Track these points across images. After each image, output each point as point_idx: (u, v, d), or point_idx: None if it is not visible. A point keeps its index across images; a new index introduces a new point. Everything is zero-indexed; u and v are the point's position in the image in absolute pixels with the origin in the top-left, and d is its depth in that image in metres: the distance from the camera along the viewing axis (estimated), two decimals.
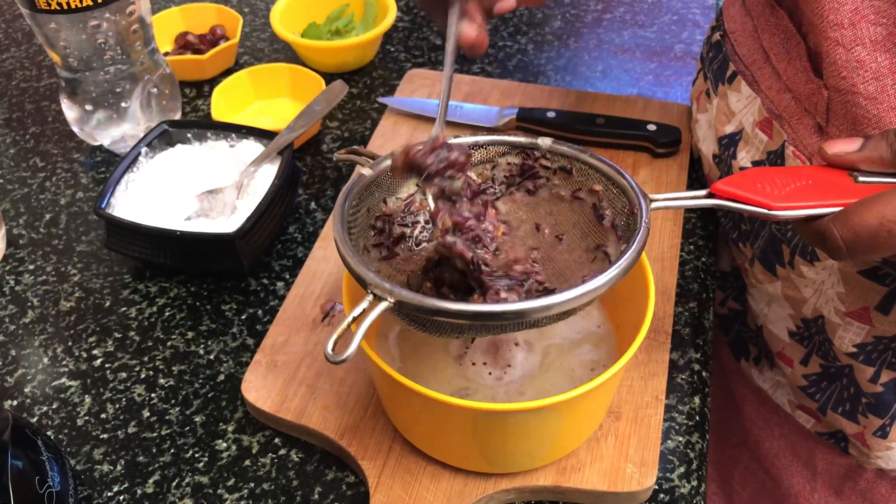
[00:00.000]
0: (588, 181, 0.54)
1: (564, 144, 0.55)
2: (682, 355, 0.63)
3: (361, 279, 0.46)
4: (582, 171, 0.54)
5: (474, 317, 0.44)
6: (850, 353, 0.62)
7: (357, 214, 0.52)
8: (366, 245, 0.53)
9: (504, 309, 0.44)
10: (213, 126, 0.76)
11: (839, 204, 0.45)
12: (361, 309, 0.44)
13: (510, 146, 0.56)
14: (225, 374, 0.64)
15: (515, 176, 0.57)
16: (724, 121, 0.69)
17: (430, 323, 0.47)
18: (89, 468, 0.58)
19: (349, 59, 0.91)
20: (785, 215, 0.46)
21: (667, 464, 0.57)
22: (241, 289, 0.70)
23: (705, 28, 0.97)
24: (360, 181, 0.52)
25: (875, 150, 0.47)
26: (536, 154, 0.56)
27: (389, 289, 0.44)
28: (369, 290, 0.45)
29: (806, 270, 0.62)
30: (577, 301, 0.44)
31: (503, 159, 0.56)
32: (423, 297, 0.44)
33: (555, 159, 0.55)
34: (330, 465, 0.58)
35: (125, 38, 0.75)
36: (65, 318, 0.68)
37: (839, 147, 0.48)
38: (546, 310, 0.44)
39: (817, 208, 0.46)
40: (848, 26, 0.52)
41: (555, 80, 0.91)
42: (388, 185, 0.55)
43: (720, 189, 0.48)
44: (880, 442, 0.65)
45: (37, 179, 0.81)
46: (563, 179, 0.56)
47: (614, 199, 0.53)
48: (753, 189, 0.47)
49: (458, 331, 0.48)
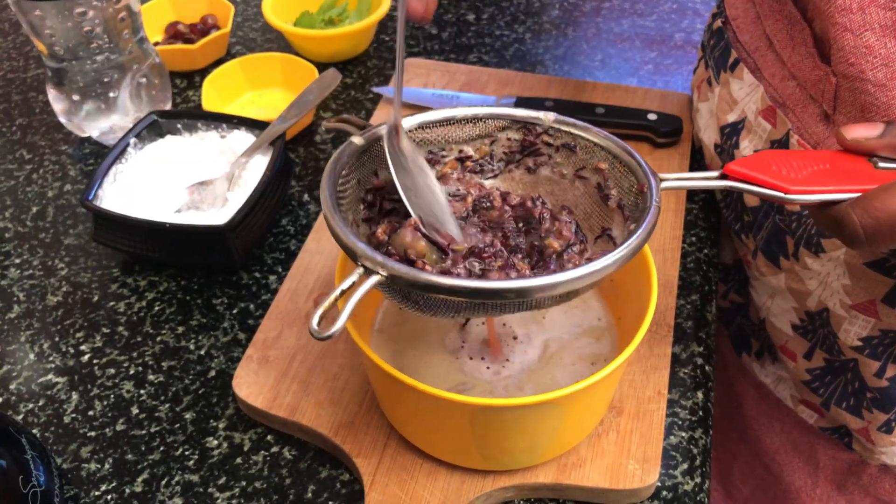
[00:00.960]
0: (593, 159, 0.52)
1: (568, 119, 0.52)
2: (684, 349, 0.62)
3: (352, 251, 0.43)
4: (586, 149, 0.52)
5: (472, 293, 0.41)
6: (856, 347, 0.60)
7: (347, 186, 0.50)
8: (355, 219, 0.50)
9: (504, 286, 0.41)
10: (204, 116, 0.74)
11: (858, 190, 0.43)
12: (351, 282, 0.41)
13: (511, 120, 0.54)
14: (216, 369, 0.62)
15: (515, 152, 0.54)
16: (727, 109, 0.67)
17: (423, 300, 0.45)
18: (76, 467, 0.56)
19: (343, 48, 0.89)
20: (801, 199, 0.44)
21: (669, 460, 0.56)
22: (233, 282, 0.68)
23: (705, 16, 0.96)
24: (349, 148, 0.50)
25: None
26: (538, 129, 0.53)
27: (382, 261, 0.41)
28: (360, 263, 0.42)
29: (811, 262, 0.60)
30: (581, 281, 0.42)
31: (503, 134, 0.54)
32: (418, 271, 0.41)
33: (558, 136, 0.53)
34: (324, 463, 0.56)
35: (113, 26, 0.73)
36: (52, 313, 0.66)
37: (858, 132, 0.46)
38: (549, 289, 0.42)
39: (835, 193, 0.44)
40: (857, 11, 0.51)
41: (553, 69, 0.89)
42: (379, 155, 0.52)
43: (733, 170, 0.46)
44: (885, 437, 0.64)
45: (23, 172, 0.79)
46: (566, 157, 0.53)
47: (621, 178, 0.50)
48: (769, 171, 0.45)
49: (452, 309, 0.45)
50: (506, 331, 0.58)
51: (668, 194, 0.71)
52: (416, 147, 0.52)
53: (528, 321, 0.59)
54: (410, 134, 0.53)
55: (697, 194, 0.74)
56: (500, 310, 0.46)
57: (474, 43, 0.93)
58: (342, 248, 0.44)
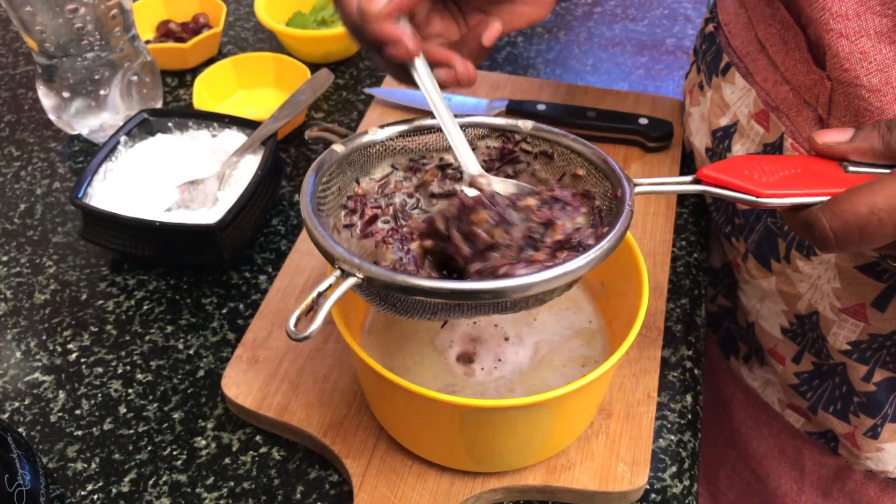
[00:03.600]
0: (570, 166, 0.52)
1: (546, 127, 0.53)
2: (673, 352, 0.62)
3: (329, 254, 0.43)
4: (564, 156, 0.52)
5: (449, 295, 0.42)
6: (844, 351, 0.61)
7: (328, 192, 0.50)
8: (336, 225, 0.51)
9: (479, 287, 0.42)
10: (195, 115, 0.74)
11: (828, 193, 0.44)
12: (328, 284, 0.42)
13: (490, 129, 0.54)
14: (205, 369, 0.62)
15: (495, 160, 0.54)
16: (719, 113, 0.68)
17: (400, 302, 0.45)
18: (62, 466, 0.56)
19: (335, 49, 0.89)
20: (773, 203, 0.45)
21: (658, 463, 0.56)
22: (223, 282, 0.68)
23: (696, 22, 0.96)
24: (331, 156, 0.50)
25: (866, 141, 0.46)
26: (517, 137, 0.54)
27: (358, 264, 0.42)
28: (337, 265, 0.42)
29: (802, 265, 0.61)
30: (555, 282, 0.42)
31: (482, 142, 0.54)
32: (394, 273, 0.42)
33: (536, 143, 0.53)
34: (312, 464, 0.56)
35: (104, 23, 0.73)
36: (39, 311, 0.66)
37: (829, 137, 0.47)
38: (523, 289, 0.42)
39: (806, 196, 0.45)
40: (853, 17, 0.51)
41: (545, 73, 0.90)
42: (361, 163, 0.52)
43: (706, 175, 0.47)
44: (871, 442, 0.64)
45: (12, 169, 0.78)
46: (544, 164, 0.53)
47: (597, 183, 0.51)
48: (741, 176, 0.46)
49: (430, 311, 0.45)
50: (497, 331, 0.58)
51: (659, 200, 0.72)
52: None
53: (519, 322, 0.59)
54: (390, 142, 0.53)
55: (687, 199, 0.74)
56: (476, 311, 0.46)
57: None
58: (320, 252, 0.44)
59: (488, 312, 0.46)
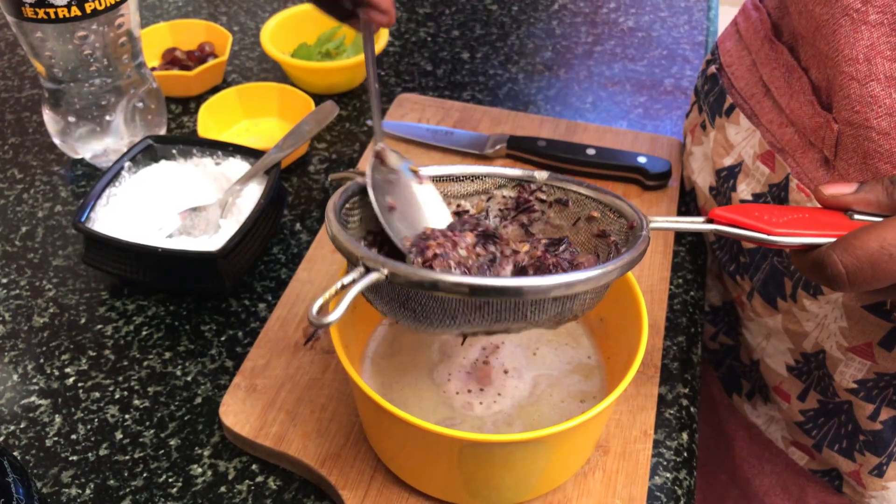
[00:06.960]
0: (584, 210, 0.54)
1: (561, 177, 0.55)
2: (670, 390, 0.62)
3: (352, 254, 0.44)
4: (578, 202, 0.55)
5: (472, 291, 0.42)
6: (850, 390, 0.61)
7: (352, 217, 0.52)
8: None
9: (503, 284, 0.42)
10: (200, 143, 0.74)
11: (836, 235, 0.46)
12: (351, 278, 0.42)
13: (506, 179, 0.56)
14: (202, 396, 0.62)
15: (510, 209, 0.56)
16: (723, 153, 0.69)
17: (420, 305, 0.45)
18: (56, 491, 0.56)
19: (339, 80, 0.90)
20: (783, 242, 0.47)
21: (654, 500, 0.56)
22: (222, 309, 0.68)
23: (695, 63, 0.98)
24: (355, 185, 0.52)
25: (871, 193, 0.48)
26: (532, 187, 0.56)
27: (382, 261, 0.42)
28: (361, 263, 0.43)
29: (809, 304, 0.61)
30: (578, 286, 0.43)
31: (499, 192, 0.56)
32: (417, 268, 0.43)
33: (551, 192, 0.55)
34: (309, 494, 0.56)
35: (112, 50, 0.73)
36: (37, 335, 0.66)
37: (835, 189, 0.49)
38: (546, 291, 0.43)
39: (816, 237, 0.46)
40: (863, 61, 0.53)
41: (545, 109, 0.91)
42: None
43: (719, 215, 0.49)
44: (876, 481, 0.64)
45: (14, 191, 0.79)
46: (559, 211, 0.55)
47: (612, 223, 0.52)
48: (752, 216, 0.48)
49: (449, 316, 0.45)
50: (497, 364, 0.58)
51: (656, 238, 0.72)
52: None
53: (518, 355, 0.59)
54: None
55: (684, 237, 0.75)
56: (497, 316, 0.45)
57: (468, 81, 0.94)
58: (341, 252, 0.45)
59: (508, 319, 0.46)
